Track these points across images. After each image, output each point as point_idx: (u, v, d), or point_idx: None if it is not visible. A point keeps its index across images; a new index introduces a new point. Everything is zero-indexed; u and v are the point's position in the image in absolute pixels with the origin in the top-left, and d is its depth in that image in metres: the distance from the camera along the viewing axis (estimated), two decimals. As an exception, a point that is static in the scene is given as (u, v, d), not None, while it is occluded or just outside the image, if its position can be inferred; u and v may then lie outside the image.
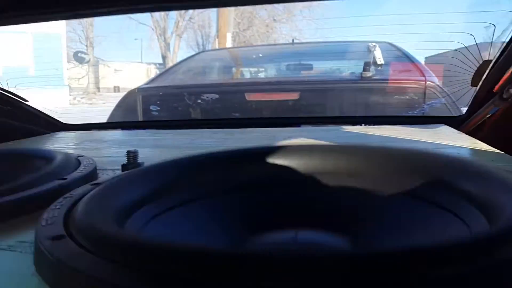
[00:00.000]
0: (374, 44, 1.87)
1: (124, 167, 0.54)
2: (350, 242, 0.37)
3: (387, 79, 1.49)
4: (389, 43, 2.10)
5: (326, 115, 1.34)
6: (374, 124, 1.08)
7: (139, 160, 0.55)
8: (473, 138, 0.79)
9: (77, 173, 0.47)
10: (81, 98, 6.26)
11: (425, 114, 1.27)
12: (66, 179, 0.44)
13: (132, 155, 0.54)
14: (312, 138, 0.80)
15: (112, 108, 1.61)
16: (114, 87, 8.28)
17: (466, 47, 1.03)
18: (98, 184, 0.40)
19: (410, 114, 1.22)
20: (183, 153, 0.71)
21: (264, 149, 0.50)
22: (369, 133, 0.88)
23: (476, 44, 1.00)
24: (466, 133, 0.87)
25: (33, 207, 0.38)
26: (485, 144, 0.70)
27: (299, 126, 1.12)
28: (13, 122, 1.07)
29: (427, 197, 0.39)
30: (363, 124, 1.09)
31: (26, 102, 1.11)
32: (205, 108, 1.46)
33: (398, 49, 2.02)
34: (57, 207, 0.34)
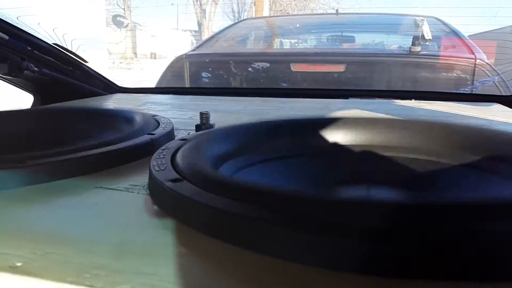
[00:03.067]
0: (421, 18, 1.83)
1: (198, 127, 0.58)
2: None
3: (436, 55, 1.47)
4: (437, 18, 2.04)
5: (372, 88, 1.34)
6: (424, 99, 1.08)
7: (210, 120, 0.58)
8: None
9: (161, 130, 0.52)
10: (120, 63, 6.38)
11: (475, 92, 1.26)
12: (154, 134, 0.49)
13: (205, 116, 0.58)
14: (367, 110, 0.82)
15: (149, 74, 1.65)
16: (151, 53, 8.37)
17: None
18: (185, 139, 0.44)
19: (461, 91, 1.21)
20: (241, 117, 0.74)
21: (333, 119, 0.53)
22: (420, 107, 0.89)
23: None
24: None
25: (134, 156, 0.43)
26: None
27: (347, 98, 1.13)
28: (74, 81, 1.13)
29: (489, 168, 0.41)
30: (412, 99, 1.09)
31: (86, 64, 1.16)
32: (252, 77, 1.48)
33: (446, 24, 1.96)
34: (161, 156, 0.38)
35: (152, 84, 1.62)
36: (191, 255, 0.26)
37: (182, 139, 0.45)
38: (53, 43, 1.02)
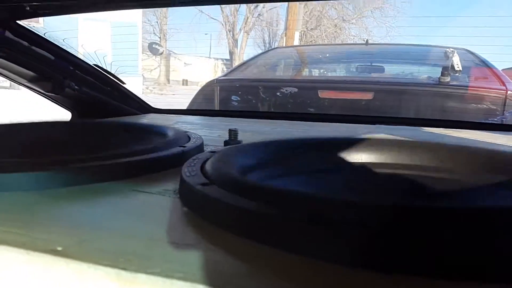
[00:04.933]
0: (452, 49, 1.83)
1: (226, 143, 0.60)
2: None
3: (466, 86, 1.47)
4: (467, 50, 2.04)
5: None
6: (451, 128, 1.08)
7: (239, 137, 0.61)
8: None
9: (192, 143, 0.55)
10: (153, 88, 6.60)
11: (504, 123, 1.24)
12: (185, 146, 0.52)
13: (233, 133, 0.61)
14: (393, 135, 0.83)
15: (180, 99, 1.70)
16: (183, 80, 8.62)
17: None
18: (214, 152, 0.47)
19: (490, 121, 1.20)
20: (269, 137, 0.77)
21: (360, 140, 0.55)
22: (448, 134, 0.89)
23: None
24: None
25: (167, 165, 0.45)
26: None
27: (373, 124, 1.14)
28: (111, 101, 1.19)
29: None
30: (440, 127, 1.09)
31: (124, 85, 1.22)
32: (280, 102, 1.52)
33: (477, 56, 1.96)
34: (191, 165, 0.41)
35: (183, 107, 1.68)
36: (216, 250, 0.27)
37: (211, 151, 0.47)
38: (94, 64, 1.09)
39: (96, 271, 0.25)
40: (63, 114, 1.20)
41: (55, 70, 0.98)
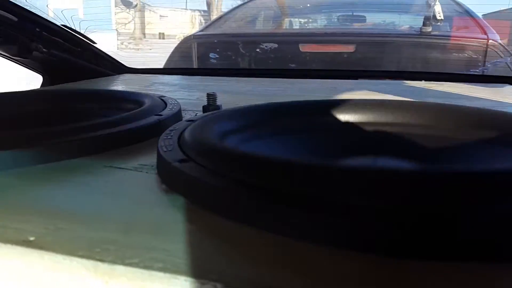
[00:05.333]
0: (434, -3, 1.79)
1: (205, 108, 0.58)
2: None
3: (448, 36, 1.45)
4: (449, -3, 2.00)
5: (382, 69, 1.33)
6: (434, 81, 1.07)
7: (217, 102, 0.59)
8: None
9: (168, 110, 0.52)
10: (128, 43, 6.37)
11: (486, 74, 1.24)
12: (162, 115, 0.49)
13: (211, 97, 0.58)
14: (375, 91, 0.82)
15: (157, 54, 1.64)
16: (159, 33, 8.33)
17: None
18: (192, 120, 0.45)
19: (471, 73, 1.20)
20: (249, 98, 0.75)
21: (341, 101, 0.53)
22: (431, 89, 0.88)
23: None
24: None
25: (142, 137, 0.43)
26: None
27: (356, 79, 1.12)
28: (83, 62, 1.13)
29: (500, 141, 0.41)
30: (422, 80, 1.08)
31: (95, 45, 1.16)
32: (261, 58, 1.48)
33: (459, 4, 1.92)
34: (168, 137, 0.39)
35: (161, 64, 1.62)
36: (199, 232, 0.26)
37: (189, 120, 0.45)
38: (62, 25, 1.02)
39: (71, 263, 0.24)
40: (36, 79, 1.15)
41: (20, 33, 0.92)
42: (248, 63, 1.54)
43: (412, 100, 0.51)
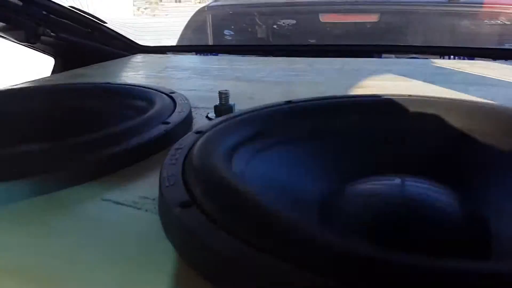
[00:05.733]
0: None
1: (216, 108, 0.54)
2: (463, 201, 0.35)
3: (479, 3, 1.34)
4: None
5: (408, 41, 1.25)
6: (463, 56, 1.00)
7: (230, 101, 0.55)
8: None
9: (177, 115, 0.49)
10: (144, 8, 6.26)
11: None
12: (169, 123, 0.46)
13: (224, 96, 0.54)
14: (402, 76, 0.76)
15: (173, 19, 1.57)
16: (176, -4, 8.16)
17: None
18: (201, 132, 0.41)
19: (505, 47, 1.11)
20: (264, 88, 0.70)
21: (361, 100, 0.49)
22: (461, 70, 0.81)
23: None
24: None
25: (147, 153, 0.40)
26: None
27: (380, 56, 1.06)
28: (94, 44, 1.10)
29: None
30: (452, 56, 1.01)
31: (105, 24, 1.12)
32: (279, 29, 1.41)
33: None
34: (173, 161, 0.35)
35: (176, 33, 1.56)
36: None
37: (197, 132, 0.42)
38: (69, 6, 0.98)
39: None
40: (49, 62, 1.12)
41: (26, 17, 0.88)
42: (266, 34, 1.47)
43: (444, 97, 0.46)
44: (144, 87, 0.60)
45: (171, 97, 0.56)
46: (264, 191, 0.35)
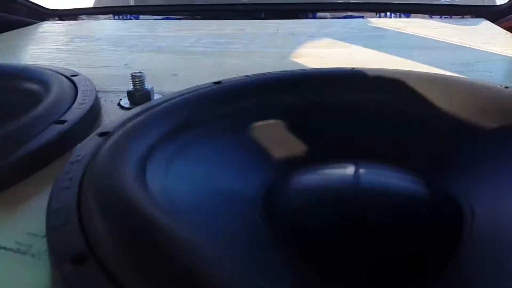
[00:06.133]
0: None
1: (130, 93, 0.45)
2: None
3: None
4: None
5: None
6: (399, 12, 0.97)
7: (146, 84, 0.46)
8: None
9: (77, 109, 0.39)
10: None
11: (456, 3, 1.13)
12: (65, 121, 0.36)
13: (138, 80, 0.45)
14: (339, 40, 0.70)
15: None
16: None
17: None
18: (107, 133, 0.33)
19: (441, 3, 1.09)
20: (191, 61, 0.61)
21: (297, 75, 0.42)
22: (402, 31, 0.77)
23: None
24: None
25: (30, 170, 0.31)
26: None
27: (315, 16, 0.99)
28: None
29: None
30: (388, 13, 0.97)
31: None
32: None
33: None
34: (65, 184, 0.27)
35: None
36: None
37: (102, 134, 0.33)
38: None
39: None
40: None
41: None
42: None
43: (391, 68, 0.40)
44: (38, 68, 0.49)
45: (73, 82, 0.46)
46: (193, 203, 0.28)
